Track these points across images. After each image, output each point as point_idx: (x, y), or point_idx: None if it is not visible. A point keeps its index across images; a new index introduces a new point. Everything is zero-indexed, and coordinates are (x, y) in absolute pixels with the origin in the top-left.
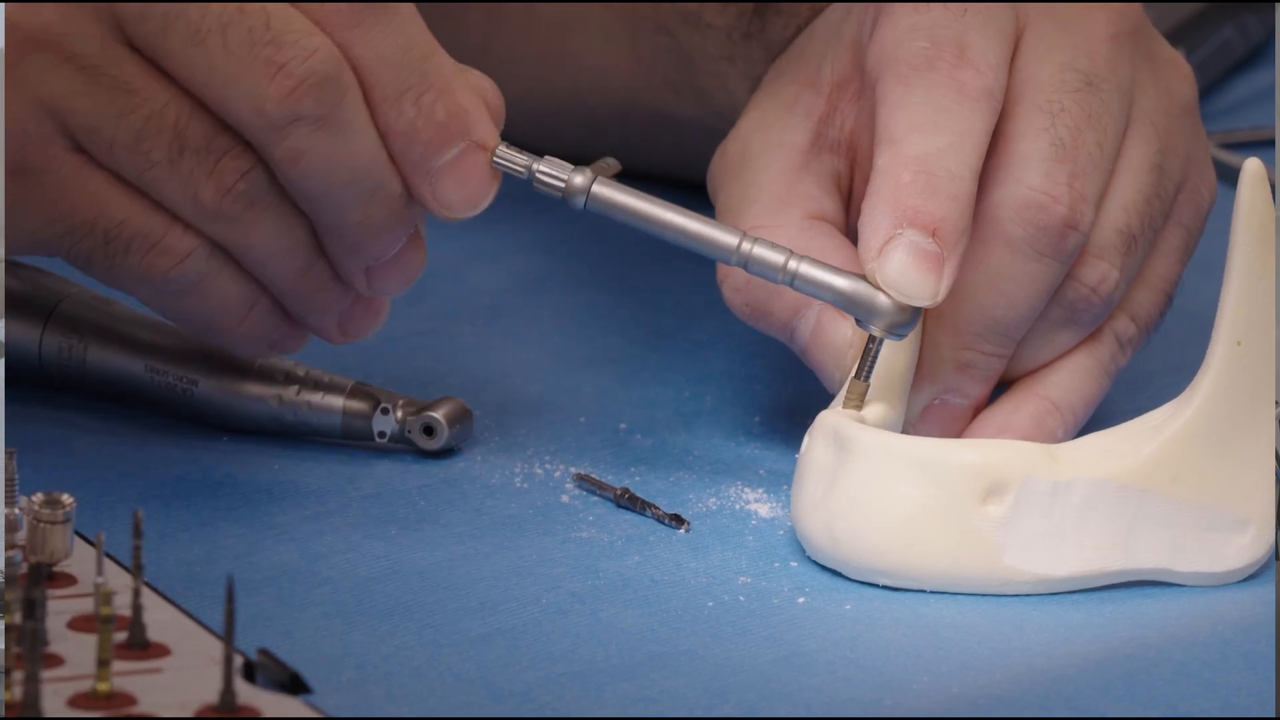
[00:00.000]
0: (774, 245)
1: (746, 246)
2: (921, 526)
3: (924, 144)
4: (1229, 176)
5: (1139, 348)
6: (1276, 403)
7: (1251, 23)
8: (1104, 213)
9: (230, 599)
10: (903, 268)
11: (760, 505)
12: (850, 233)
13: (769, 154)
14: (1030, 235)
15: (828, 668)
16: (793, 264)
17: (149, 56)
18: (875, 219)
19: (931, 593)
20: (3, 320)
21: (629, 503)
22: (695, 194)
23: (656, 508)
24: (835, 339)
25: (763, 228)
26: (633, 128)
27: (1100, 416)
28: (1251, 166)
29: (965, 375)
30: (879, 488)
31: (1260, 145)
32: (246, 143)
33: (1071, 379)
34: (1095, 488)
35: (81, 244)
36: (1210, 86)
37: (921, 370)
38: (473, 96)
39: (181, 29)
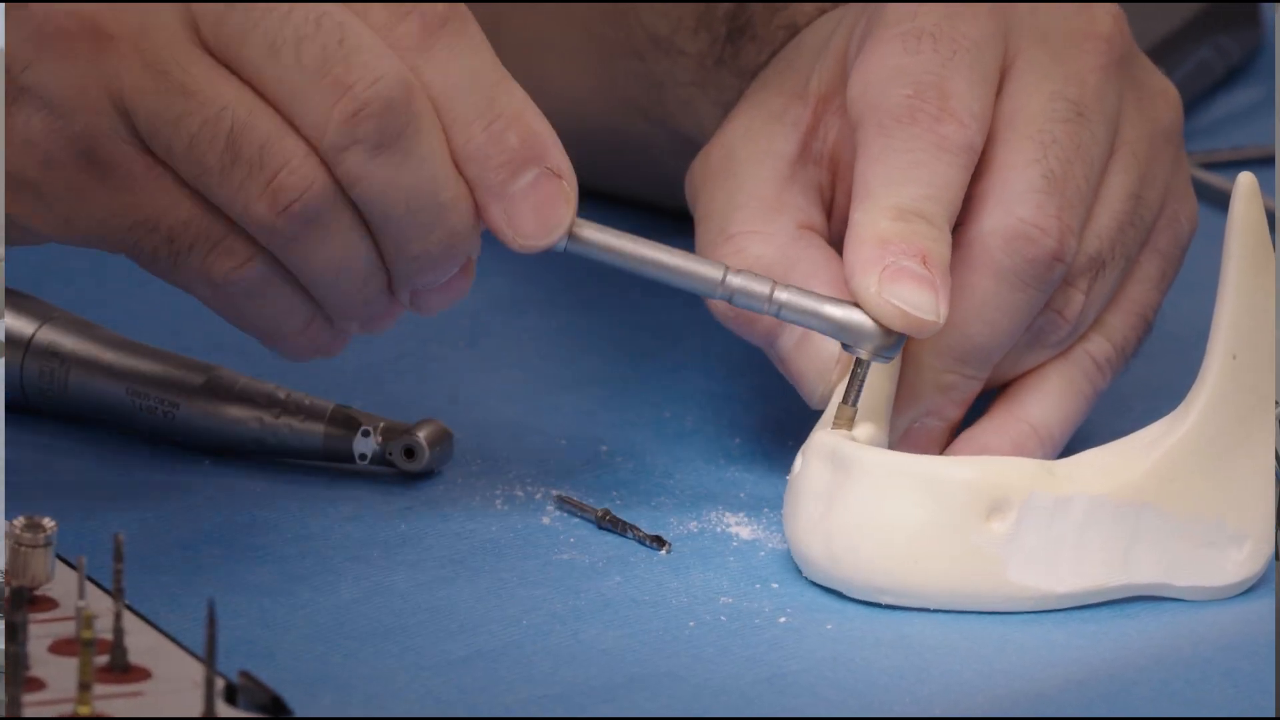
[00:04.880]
0: (757, 276)
1: (731, 279)
2: (925, 544)
3: (900, 195)
4: (1208, 196)
5: (1118, 371)
6: (1277, 402)
7: (1229, 44)
8: (1081, 241)
9: (212, 622)
10: (907, 288)
11: (741, 527)
12: (834, 246)
13: (757, 161)
14: (1018, 265)
15: (809, 689)
16: (779, 294)
17: (223, 60)
18: (863, 254)
19: (914, 612)
20: (2, 321)
21: (610, 524)
22: (664, 218)
23: (637, 529)
24: (821, 349)
25: (753, 234)
26: (601, 152)
27: (1084, 438)
28: (1245, 181)
29: (945, 398)
30: (882, 506)
31: (1239, 165)
32: (308, 159)
33: (1050, 402)
34: (1095, 503)
35: (145, 241)
36: (1188, 107)
37: (902, 393)
38: (544, 123)
39: (258, 38)
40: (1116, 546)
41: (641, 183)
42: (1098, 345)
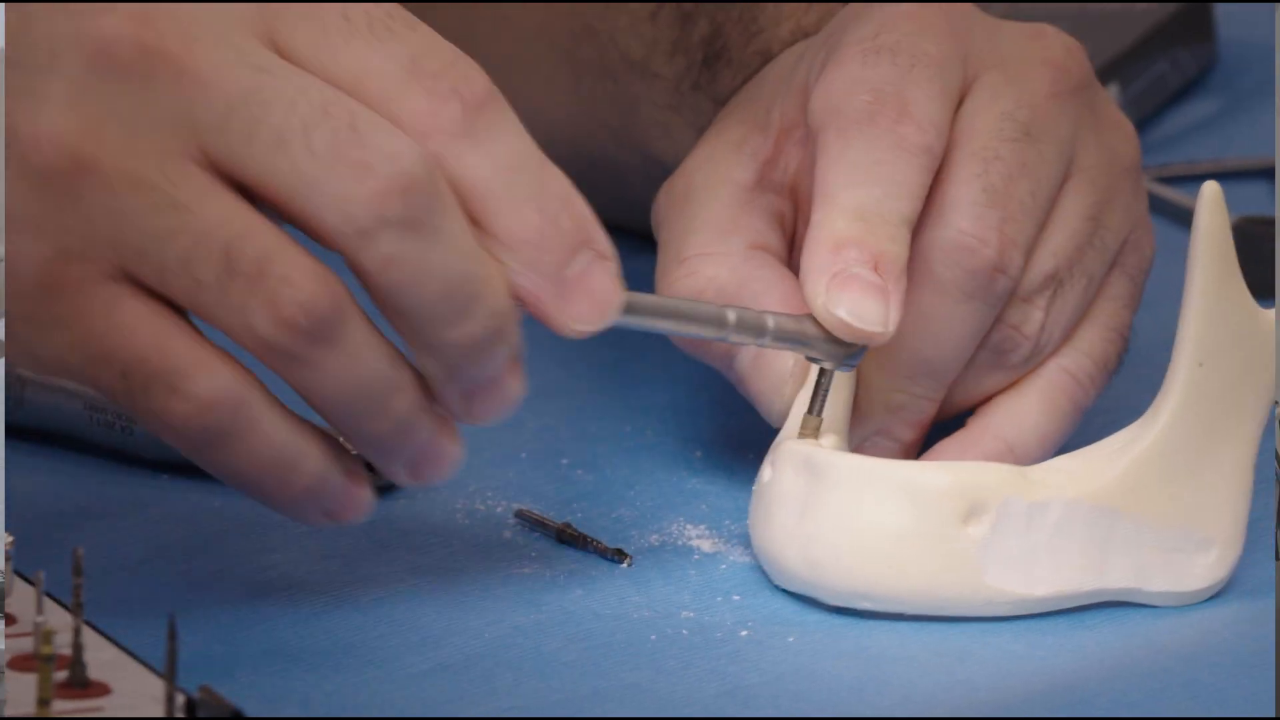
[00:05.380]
0: (749, 310)
1: (728, 317)
2: (904, 548)
3: (859, 195)
4: (1163, 210)
5: (1100, 387)
6: (1277, 402)
7: (1184, 58)
8: (1034, 259)
9: (172, 637)
10: (854, 297)
11: (703, 540)
12: (794, 272)
13: (714, 189)
14: (958, 277)
15: (771, 701)
16: (768, 322)
17: (225, 170)
18: (816, 260)
19: (875, 624)
20: (2, 320)
21: (571, 538)
22: (635, 241)
23: (599, 542)
24: (776, 367)
25: (706, 255)
26: (572, 172)
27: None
28: (1210, 189)
29: (895, 417)
30: (859, 511)
31: (1194, 179)
32: (312, 266)
33: (1025, 420)
34: (1069, 508)
35: (101, 377)
36: (1144, 121)
37: (855, 412)
38: (587, 205)
39: (265, 134)
40: (1090, 551)
41: (611, 204)
42: (1075, 360)
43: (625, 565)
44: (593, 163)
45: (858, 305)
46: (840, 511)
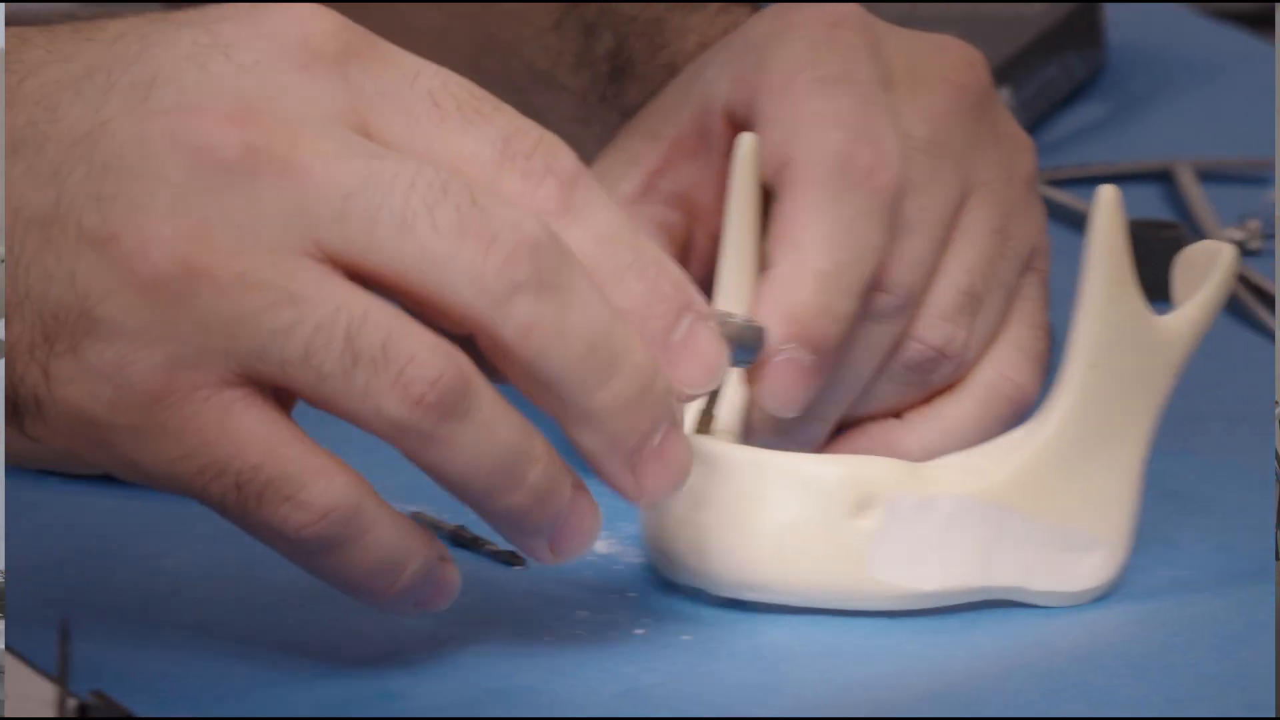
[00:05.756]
0: None
1: None
2: (793, 540)
3: (828, 260)
4: (1055, 213)
5: (1041, 379)
6: (1276, 403)
7: (1075, 62)
8: (943, 274)
9: (65, 640)
10: (784, 384)
11: (598, 541)
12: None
13: None
14: None
15: (665, 702)
16: None
17: (343, 262)
18: (766, 319)
19: (770, 621)
20: (2, 320)
21: (465, 541)
22: None
23: (493, 544)
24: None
25: None
26: None
27: None
28: (1107, 192)
29: (787, 438)
30: (751, 502)
31: (1085, 182)
32: (437, 344)
33: (945, 437)
34: (960, 504)
35: (212, 485)
36: (1035, 124)
37: (748, 432)
38: (680, 268)
39: (387, 219)
40: (979, 548)
41: None
42: (1012, 360)
43: (519, 568)
44: None
45: (783, 391)
46: (730, 502)
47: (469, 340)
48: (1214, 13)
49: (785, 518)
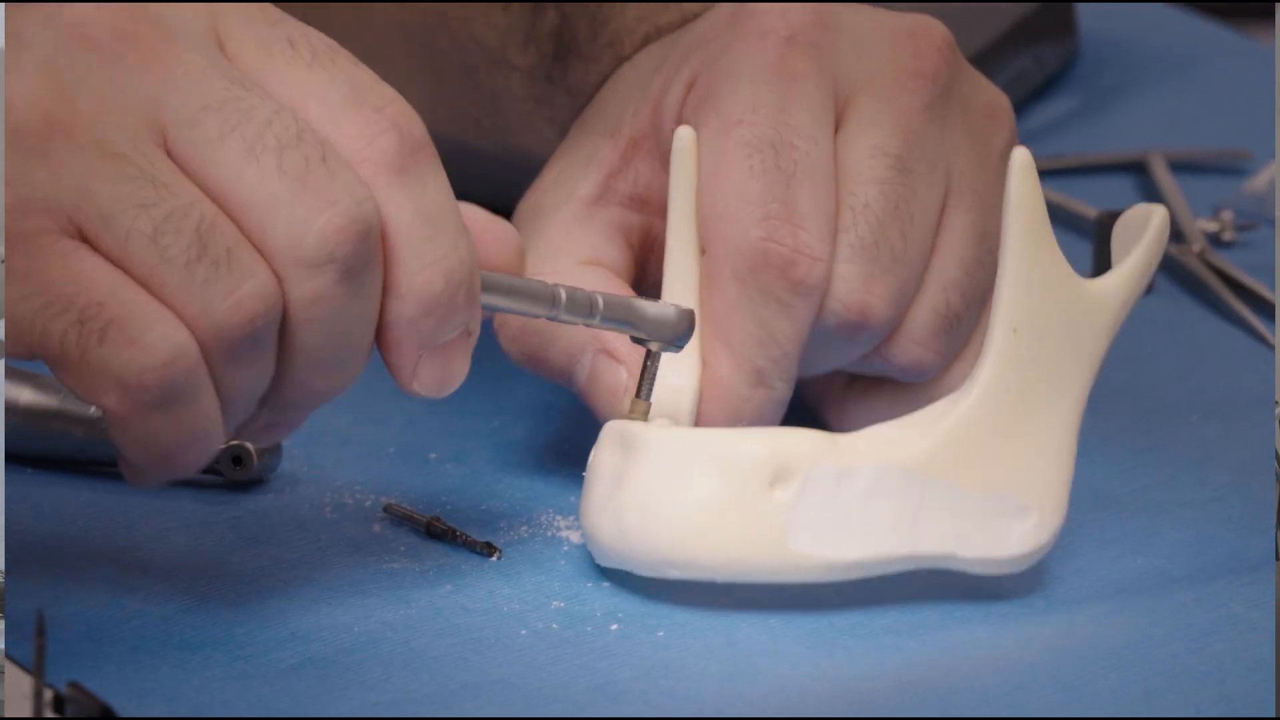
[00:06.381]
0: (578, 289)
1: (559, 294)
2: (710, 514)
3: (762, 358)
4: None
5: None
6: (1276, 403)
7: (1047, 53)
8: (924, 293)
9: (40, 633)
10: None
11: (572, 532)
12: (648, 281)
13: (556, 207)
14: (827, 329)
15: (641, 696)
16: (597, 300)
17: (184, 164)
18: (713, 415)
19: (744, 617)
20: (2, 320)
21: (440, 532)
22: None
23: (468, 536)
24: (610, 382)
25: (534, 275)
26: None
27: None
28: (1020, 155)
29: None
30: (667, 479)
31: (1058, 174)
32: (271, 276)
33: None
34: (880, 474)
35: (53, 324)
36: None
37: (701, 417)
38: (479, 276)
39: (237, 141)
40: (903, 517)
41: (476, 193)
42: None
43: (495, 559)
44: (458, 156)
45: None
46: (649, 481)
47: None
48: (1187, 4)
49: (703, 494)
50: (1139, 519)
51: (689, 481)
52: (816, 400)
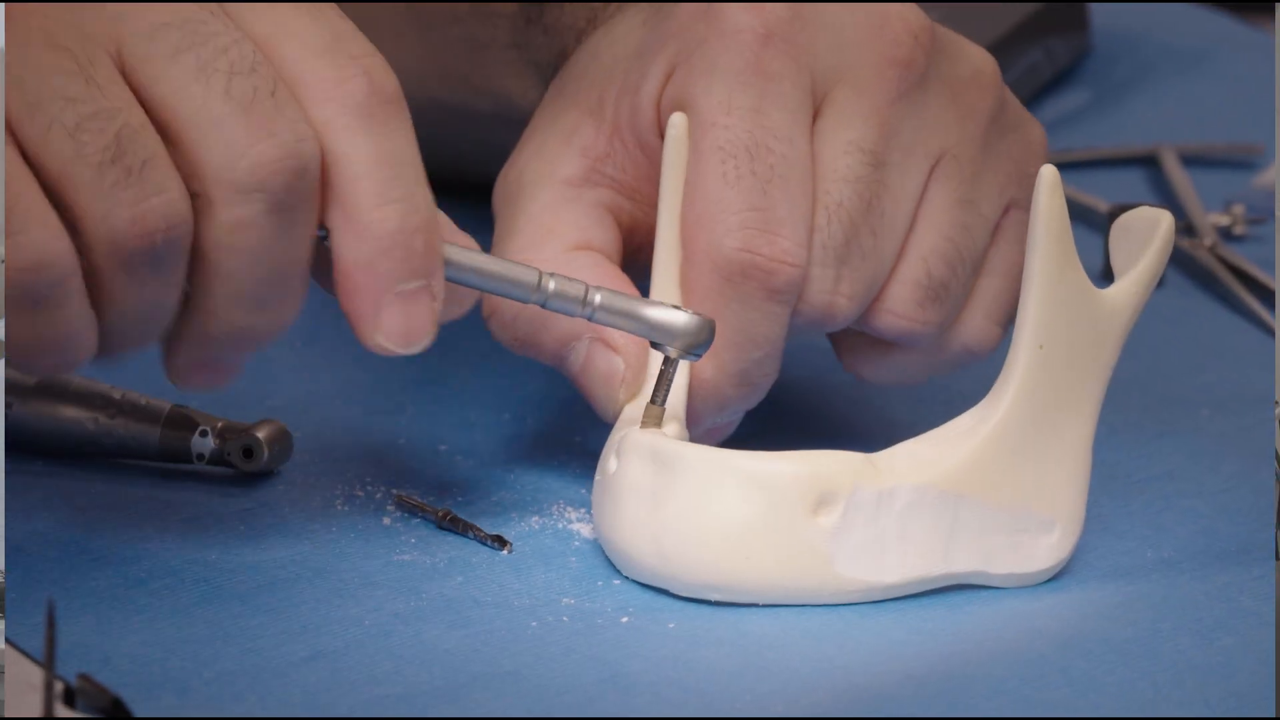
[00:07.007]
0: (571, 280)
1: (547, 284)
2: (754, 539)
3: (745, 359)
4: None
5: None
6: (1277, 403)
7: (1058, 47)
8: (902, 265)
9: (51, 624)
10: (722, 430)
11: (582, 525)
12: (638, 263)
13: (540, 185)
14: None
15: (651, 689)
16: (594, 296)
17: (132, 77)
18: (701, 416)
19: (754, 609)
20: (2, 320)
21: (451, 524)
22: (485, 196)
23: (478, 529)
24: (604, 369)
25: (525, 259)
26: (426, 124)
27: (898, 429)
28: (1048, 173)
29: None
30: (710, 502)
31: (1068, 168)
32: (184, 196)
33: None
34: (916, 494)
35: None
36: None
37: (689, 415)
38: (442, 239)
39: (190, 61)
40: (937, 537)
41: (467, 154)
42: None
43: (505, 552)
44: (449, 114)
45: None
46: (691, 503)
47: None
48: None
49: (746, 518)
50: (1148, 512)
51: (732, 505)
52: (836, 348)
